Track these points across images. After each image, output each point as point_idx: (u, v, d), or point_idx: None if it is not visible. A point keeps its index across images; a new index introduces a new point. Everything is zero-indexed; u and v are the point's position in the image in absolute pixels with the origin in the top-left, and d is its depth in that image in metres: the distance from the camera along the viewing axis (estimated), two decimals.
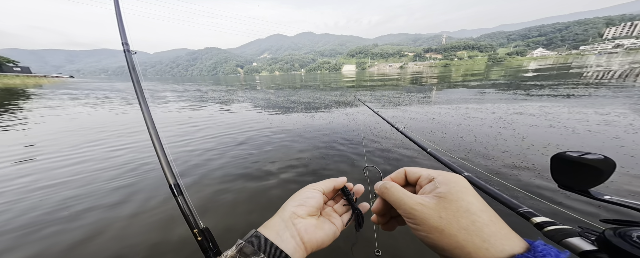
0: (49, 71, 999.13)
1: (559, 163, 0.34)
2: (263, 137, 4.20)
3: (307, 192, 0.36)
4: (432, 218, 0.26)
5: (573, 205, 1.88)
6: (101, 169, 2.95)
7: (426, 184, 0.30)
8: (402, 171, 0.35)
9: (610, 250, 0.24)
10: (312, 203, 0.35)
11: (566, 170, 0.34)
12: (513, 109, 5.37)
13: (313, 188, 0.37)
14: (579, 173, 0.32)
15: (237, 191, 2.32)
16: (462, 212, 0.25)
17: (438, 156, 0.89)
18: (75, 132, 4.96)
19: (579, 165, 0.32)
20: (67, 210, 2.05)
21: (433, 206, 0.26)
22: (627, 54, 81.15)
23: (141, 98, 0.89)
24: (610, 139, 3.20)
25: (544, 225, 0.36)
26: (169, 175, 0.76)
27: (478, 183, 0.61)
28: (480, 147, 3.20)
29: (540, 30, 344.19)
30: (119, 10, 0.86)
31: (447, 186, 0.27)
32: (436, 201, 0.27)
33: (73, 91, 18.66)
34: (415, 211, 0.27)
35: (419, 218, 0.26)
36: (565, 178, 0.35)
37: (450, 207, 0.25)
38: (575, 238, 0.28)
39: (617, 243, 0.23)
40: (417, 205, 0.27)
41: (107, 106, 9.21)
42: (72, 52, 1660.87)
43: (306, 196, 0.35)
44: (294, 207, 0.34)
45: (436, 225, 0.25)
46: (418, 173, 0.33)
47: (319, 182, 0.39)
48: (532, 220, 0.39)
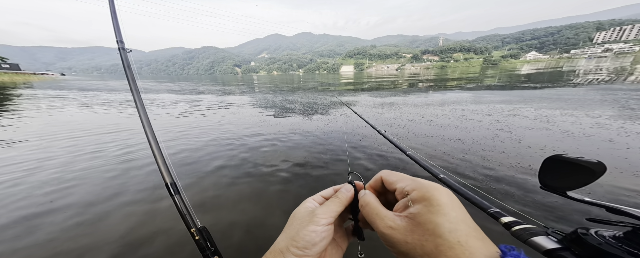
0: (38, 68, 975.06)
1: (552, 164, 0.35)
2: (262, 137, 4.16)
3: (313, 233, 0.28)
4: (399, 244, 0.25)
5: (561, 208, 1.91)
6: (96, 167, 2.88)
7: (401, 198, 0.29)
8: (379, 176, 0.34)
9: (576, 247, 0.25)
10: (321, 247, 0.29)
11: (556, 172, 0.35)
12: (508, 112, 5.46)
13: (324, 220, 0.30)
14: (569, 174, 0.33)
15: (237, 191, 2.29)
16: (428, 236, 0.24)
17: (417, 159, 0.91)
18: (69, 132, 4.83)
19: (573, 166, 0.32)
20: (55, 205, 1.98)
21: (402, 231, 0.26)
22: (616, 58, 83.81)
23: (136, 96, 0.86)
24: (604, 142, 3.27)
25: (512, 224, 0.37)
26: (166, 174, 0.74)
27: (453, 185, 0.63)
28: (479, 149, 3.24)
29: (534, 34, 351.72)
30: (114, 8, 0.83)
31: (419, 204, 0.26)
32: (405, 223, 0.26)
33: (75, 93, 18.17)
34: (385, 236, 0.27)
35: (389, 242, 0.26)
36: (550, 179, 0.36)
37: (417, 230, 0.25)
38: (541, 237, 0.29)
39: (586, 238, 0.24)
40: (386, 228, 0.27)
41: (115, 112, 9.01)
42: (64, 49, 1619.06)
43: (313, 242, 0.28)
44: (292, 248, 0.28)
45: (403, 250, 0.25)
46: (394, 184, 0.31)
47: (328, 207, 0.31)
48: (501, 220, 0.41)
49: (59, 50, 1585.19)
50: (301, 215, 0.31)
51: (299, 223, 0.30)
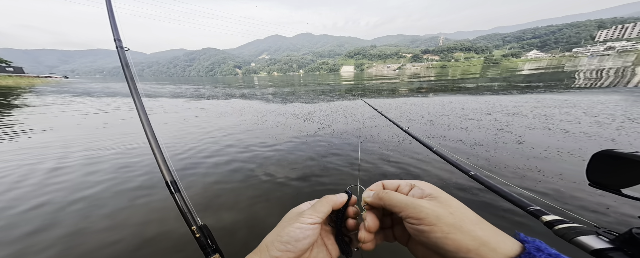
0: (42, 71, 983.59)
1: (602, 160, 0.33)
2: (262, 137, 4.16)
3: (298, 230, 0.29)
4: (445, 216, 0.24)
5: (581, 207, 1.89)
6: (98, 168, 2.89)
7: (408, 191, 0.30)
8: (379, 183, 0.35)
9: (630, 247, 0.24)
10: (304, 245, 0.29)
11: (607, 168, 0.33)
12: (508, 111, 5.41)
13: (309, 219, 0.30)
14: (622, 171, 0.31)
15: (236, 192, 2.29)
16: (463, 209, 0.24)
17: (445, 155, 0.83)
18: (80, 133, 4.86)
19: (627, 162, 0.30)
20: (60, 208, 1.99)
21: (438, 205, 0.25)
22: (619, 56, 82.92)
23: (135, 94, 0.86)
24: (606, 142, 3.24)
25: (555, 223, 0.35)
26: (166, 173, 0.74)
27: (486, 182, 0.59)
28: (482, 150, 3.22)
29: (535, 33, 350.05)
30: (111, 6, 0.84)
31: (432, 190, 0.27)
32: (435, 201, 0.26)
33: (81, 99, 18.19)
34: (426, 210, 0.25)
35: (432, 217, 0.24)
36: (601, 176, 0.34)
37: (452, 205, 0.24)
38: (590, 236, 0.28)
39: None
40: (424, 203, 0.25)
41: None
42: (67, 52, 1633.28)
43: (296, 238, 0.29)
44: (280, 252, 0.28)
45: (452, 221, 0.23)
46: (396, 183, 0.33)
47: (315, 207, 0.32)
48: (542, 218, 0.38)
49: (61, 53, 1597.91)
50: (291, 214, 0.33)
51: (286, 221, 0.31)
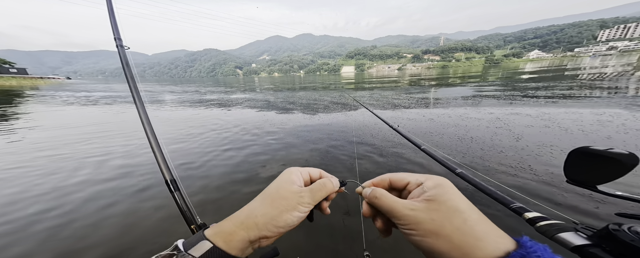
0: (45, 72, 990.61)
1: (578, 157, 0.34)
2: (262, 137, 4.17)
3: (296, 218, 0.31)
4: (425, 222, 0.25)
5: (572, 205, 1.88)
6: (102, 168, 2.91)
7: (415, 189, 0.30)
8: (386, 177, 0.35)
9: (608, 243, 0.24)
10: (293, 221, 0.31)
11: (583, 164, 0.33)
12: (510, 111, 5.40)
13: (307, 207, 0.32)
14: (598, 167, 0.32)
15: (236, 191, 2.30)
16: (453, 212, 0.25)
17: (432, 153, 0.88)
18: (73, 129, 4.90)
19: (602, 159, 0.31)
20: (61, 207, 2.01)
21: (424, 210, 0.26)
22: (621, 56, 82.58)
23: (135, 93, 0.87)
24: (602, 140, 3.22)
25: (537, 220, 0.35)
26: (165, 171, 0.74)
27: (471, 179, 0.61)
28: (477, 148, 3.21)
29: (536, 32, 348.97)
30: (111, 5, 0.85)
31: (434, 188, 0.28)
32: (426, 204, 0.27)
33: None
34: (408, 217, 0.27)
35: (413, 223, 0.26)
36: (577, 173, 0.34)
37: (440, 208, 0.25)
38: (569, 233, 0.28)
39: (618, 234, 0.23)
40: (408, 210, 0.27)
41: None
42: (69, 53, 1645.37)
43: (291, 224, 0.31)
44: (272, 233, 0.30)
45: (430, 227, 0.25)
46: (405, 179, 0.32)
47: (313, 193, 0.33)
48: (525, 215, 0.39)
49: (64, 54, 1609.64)
50: (286, 193, 0.32)
51: (284, 205, 0.31)
